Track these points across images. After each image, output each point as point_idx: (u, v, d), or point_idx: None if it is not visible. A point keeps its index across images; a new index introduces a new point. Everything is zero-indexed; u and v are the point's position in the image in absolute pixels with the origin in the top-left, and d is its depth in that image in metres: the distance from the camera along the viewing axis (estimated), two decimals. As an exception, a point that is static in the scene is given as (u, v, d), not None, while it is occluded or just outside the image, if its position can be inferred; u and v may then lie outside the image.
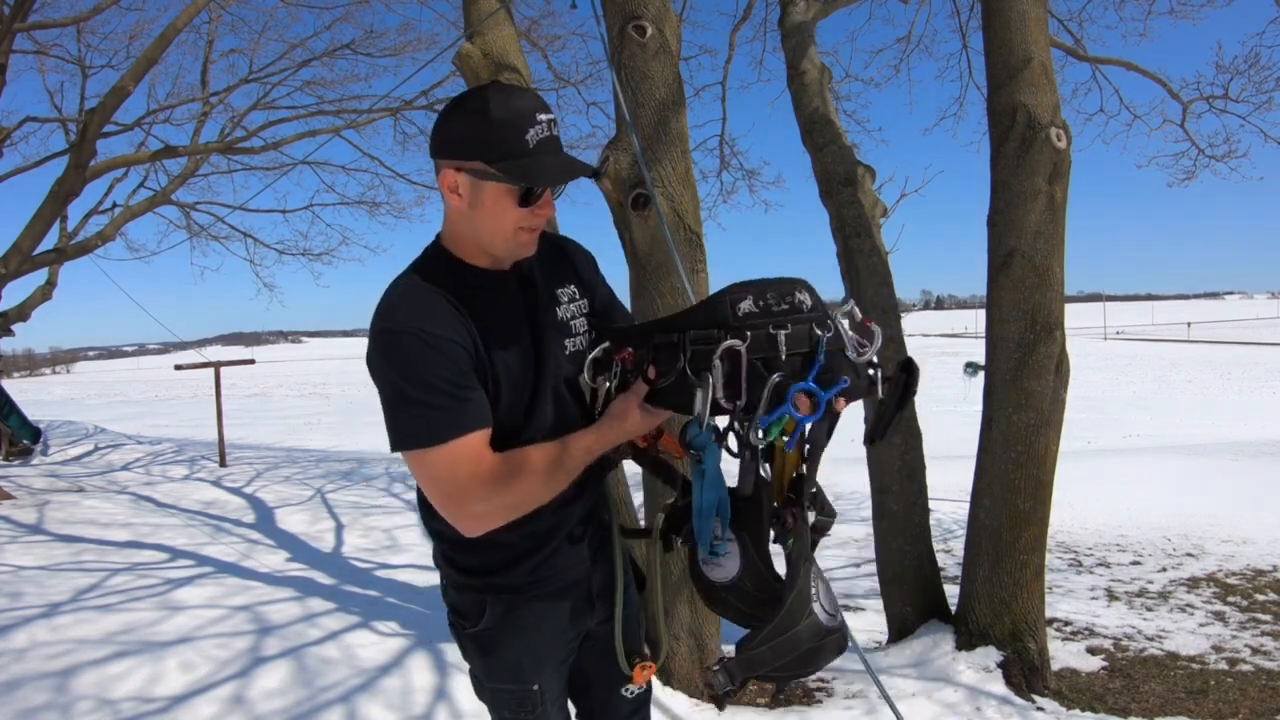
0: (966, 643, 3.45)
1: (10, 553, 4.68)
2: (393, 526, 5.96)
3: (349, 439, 13.90)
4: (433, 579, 1.51)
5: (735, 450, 1.24)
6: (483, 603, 1.42)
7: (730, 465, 1.25)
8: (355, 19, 9.00)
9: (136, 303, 10.04)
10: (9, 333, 8.28)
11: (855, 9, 6.16)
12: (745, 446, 1.19)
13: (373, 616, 3.87)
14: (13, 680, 3.04)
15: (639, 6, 2.97)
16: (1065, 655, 3.87)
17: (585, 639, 1.54)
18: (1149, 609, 4.68)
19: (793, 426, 1.15)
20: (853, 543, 6.22)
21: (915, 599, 3.84)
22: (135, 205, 9.00)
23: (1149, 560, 5.72)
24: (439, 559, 1.46)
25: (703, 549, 1.28)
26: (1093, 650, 3.98)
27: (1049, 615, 4.02)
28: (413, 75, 24.67)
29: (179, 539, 5.26)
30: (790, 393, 1.11)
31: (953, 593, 3.80)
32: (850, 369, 1.17)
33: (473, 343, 1.24)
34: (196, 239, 10.75)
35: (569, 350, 1.40)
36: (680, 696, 3.17)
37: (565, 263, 1.48)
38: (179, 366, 10.25)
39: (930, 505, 3.96)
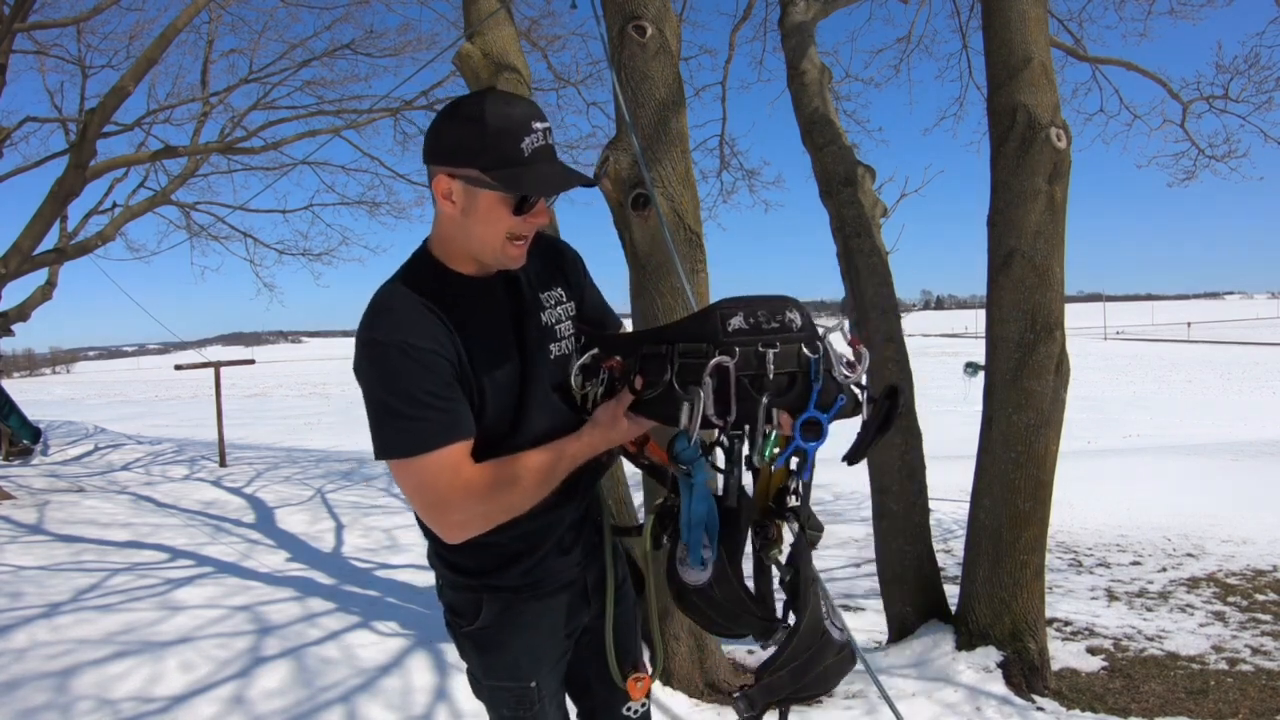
0: (966, 643, 3.45)
1: (10, 553, 4.68)
2: (393, 526, 5.96)
3: (349, 439, 13.87)
4: (432, 579, 1.51)
5: (721, 467, 1.28)
6: (479, 602, 1.42)
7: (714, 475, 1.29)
8: (355, 19, 9.02)
9: (136, 303, 10.05)
10: (9, 333, 8.28)
11: (855, 9, 6.16)
12: (732, 463, 1.24)
13: (373, 616, 3.87)
14: (13, 680, 3.05)
15: (639, 6, 2.97)
16: (1065, 655, 3.87)
17: (583, 634, 1.54)
18: (1149, 609, 4.67)
19: (785, 444, 1.20)
20: (853, 543, 6.22)
21: (915, 599, 3.84)
22: (135, 205, 9.00)
23: (1149, 560, 5.72)
24: (433, 559, 1.47)
25: (693, 558, 1.31)
26: (1093, 650, 3.97)
27: (1049, 615, 4.02)
28: (413, 75, 24.66)
29: (179, 539, 5.26)
30: (796, 425, 1.16)
31: (953, 593, 3.80)
32: (837, 389, 1.20)
33: (456, 354, 1.25)
34: (196, 239, 10.78)
35: (554, 355, 1.40)
36: (680, 696, 3.17)
37: (553, 264, 1.48)
38: (179, 366, 10.25)
39: (930, 505, 3.96)
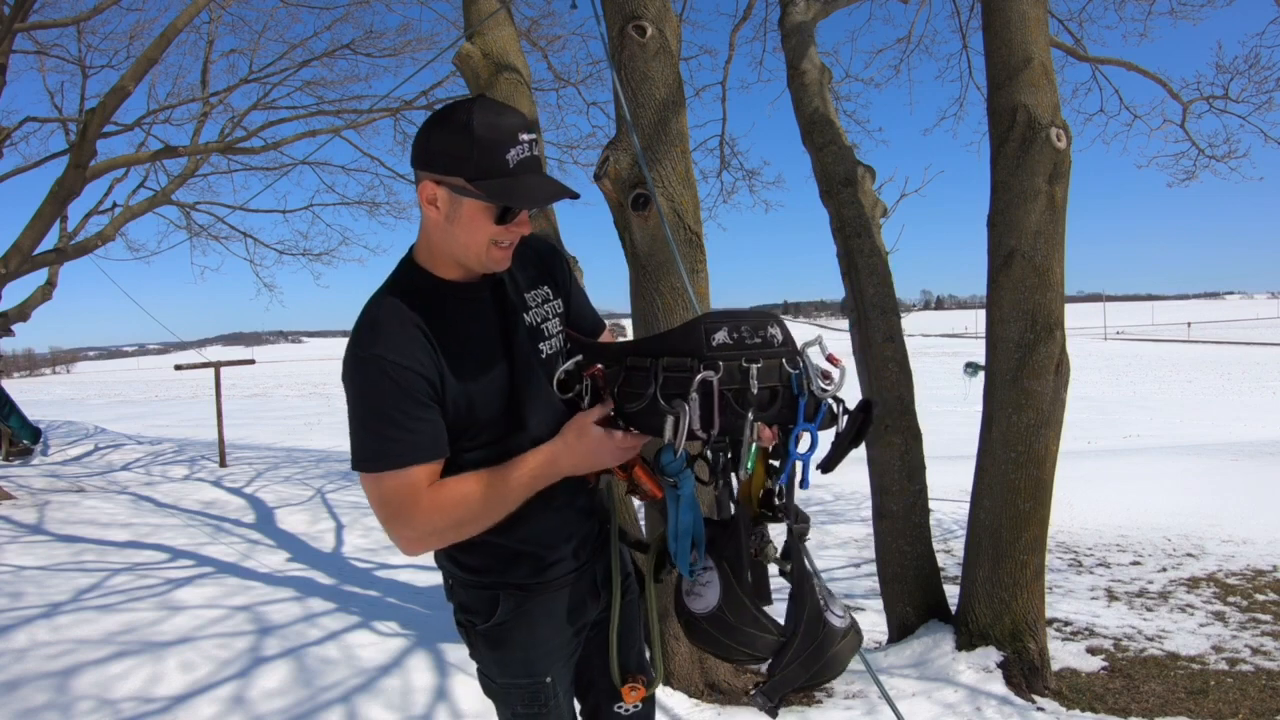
0: (966, 643, 3.45)
1: (10, 553, 4.68)
2: (393, 527, 5.95)
3: (349, 439, 13.86)
4: (433, 579, 1.52)
5: (705, 479, 1.33)
6: (494, 599, 1.42)
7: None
8: (355, 19, 9.00)
9: (136, 303, 10.03)
10: (9, 333, 8.28)
11: (855, 9, 6.16)
12: (717, 476, 1.30)
13: (373, 616, 3.87)
14: (13, 680, 3.04)
15: (639, 6, 2.97)
16: (1065, 655, 3.87)
17: (592, 629, 1.55)
18: (1149, 609, 4.68)
19: (764, 456, 1.29)
20: (853, 543, 6.23)
21: (915, 599, 3.84)
22: (135, 205, 8.99)
23: (1149, 560, 5.72)
24: (442, 559, 1.47)
25: (681, 568, 1.33)
26: (1093, 650, 3.97)
27: (1049, 615, 4.02)
28: (413, 75, 24.68)
29: (179, 539, 5.26)
30: (793, 436, 1.22)
31: (953, 593, 3.80)
32: (817, 402, 1.24)
33: (438, 372, 1.26)
34: (196, 239, 10.78)
35: (545, 354, 1.41)
36: (680, 696, 3.17)
37: (538, 264, 1.48)
38: (179, 366, 10.23)
39: (930, 505, 3.96)
